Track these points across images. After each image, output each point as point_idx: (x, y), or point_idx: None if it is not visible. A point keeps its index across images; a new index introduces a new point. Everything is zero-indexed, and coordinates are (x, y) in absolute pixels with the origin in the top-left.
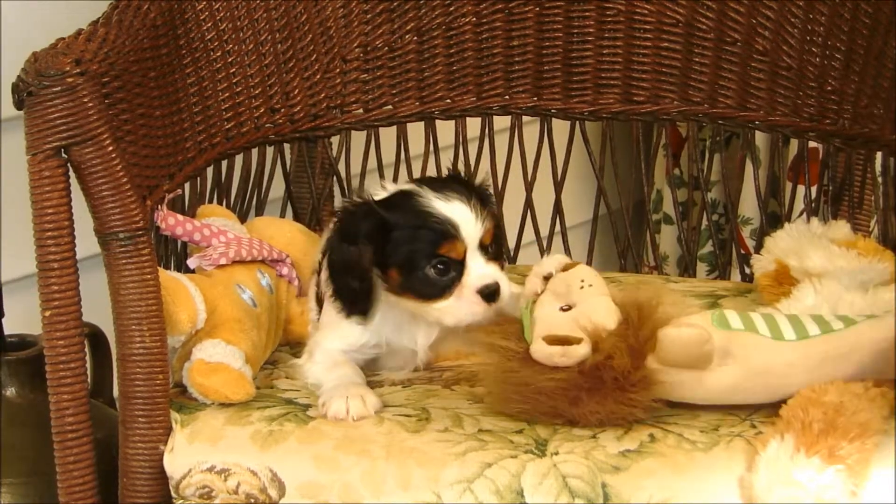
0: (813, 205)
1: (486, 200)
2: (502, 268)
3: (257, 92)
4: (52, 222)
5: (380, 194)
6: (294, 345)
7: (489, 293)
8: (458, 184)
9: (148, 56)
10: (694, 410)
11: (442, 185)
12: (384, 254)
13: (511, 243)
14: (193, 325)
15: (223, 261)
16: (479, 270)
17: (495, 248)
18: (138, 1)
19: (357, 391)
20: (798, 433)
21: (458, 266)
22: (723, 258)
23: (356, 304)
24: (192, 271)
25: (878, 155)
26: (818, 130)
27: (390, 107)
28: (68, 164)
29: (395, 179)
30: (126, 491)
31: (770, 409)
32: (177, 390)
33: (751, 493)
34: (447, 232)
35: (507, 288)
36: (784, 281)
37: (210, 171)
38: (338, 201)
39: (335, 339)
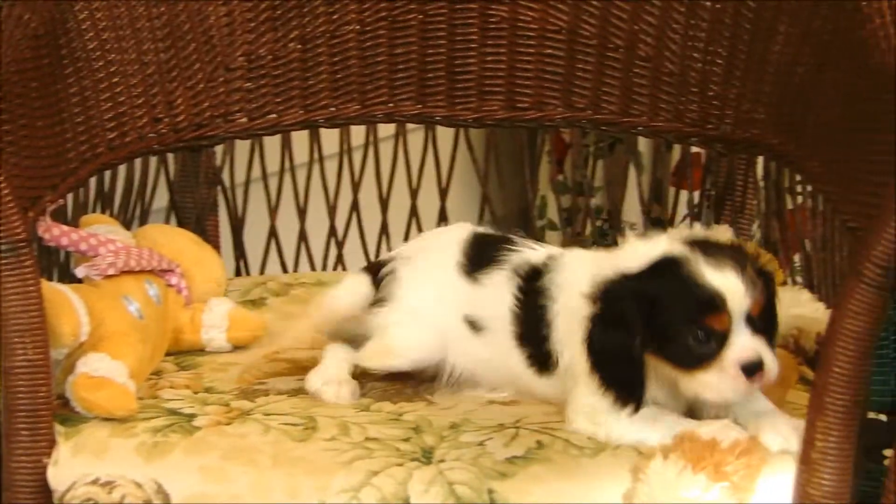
0: (696, 209)
1: (760, 273)
2: (771, 344)
3: (140, 101)
4: None
5: (636, 257)
6: (183, 354)
7: (751, 368)
8: (733, 251)
9: (29, 66)
10: None
11: (716, 249)
12: (649, 327)
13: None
14: (77, 338)
15: (111, 271)
16: (743, 343)
17: (764, 322)
18: (19, 10)
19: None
20: (686, 450)
21: (721, 338)
22: None
23: (630, 395)
24: (80, 281)
25: (760, 159)
26: (701, 135)
27: (274, 115)
28: None
29: (279, 191)
30: None
31: None
32: (59, 403)
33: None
34: (712, 302)
35: (774, 366)
36: None
37: (93, 181)
38: (222, 211)
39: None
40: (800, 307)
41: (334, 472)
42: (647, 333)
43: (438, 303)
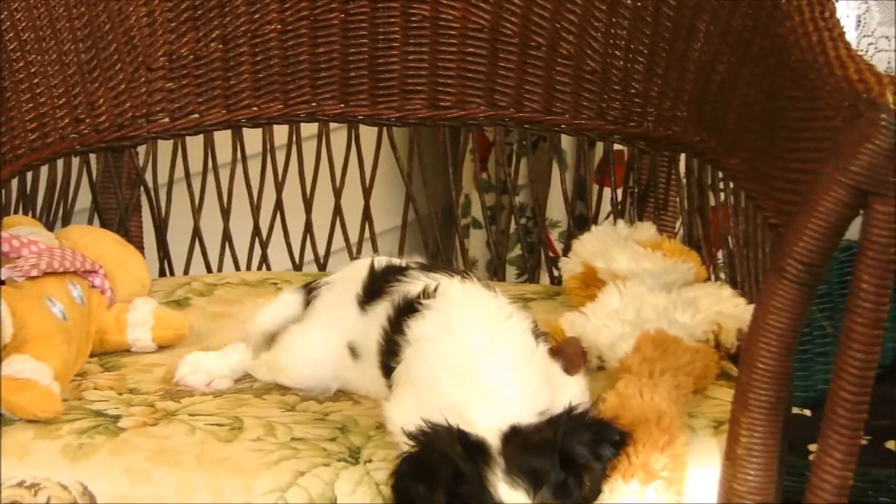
0: (619, 207)
1: (567, 483)
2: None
3: (61, 102)
4: None
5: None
6: (107, 355)
7: None
8: (545, 454)
9: None
10: None
11: (531, 449)
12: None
13: (321, 250)
14: None
15: (34, 272)
16: None
17: None
18: None
19: None
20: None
21: None
22: (531, 261)
23: None
24: (2, 283)
25: (683, 157)
26: (623, 133)
27: (197, 115)
28: None
29: (202, 191)
30: None
31: None
32: None
33: None
34: None
35: None
36: (591, 283)
37: (15, 182)
38: (145, 212)
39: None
40: (721, 303)
41: (260, 472)
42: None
43: (333, 332)
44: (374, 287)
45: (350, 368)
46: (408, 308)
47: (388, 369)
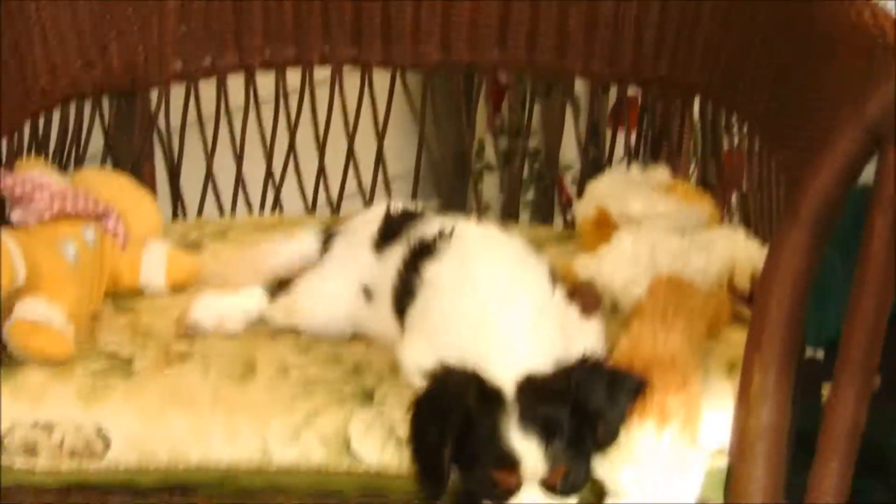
0: (633, 151)
1: (581, 433)
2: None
3: (73, 46)
4: None
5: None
6: (121, 297)
7: None
8: (558, 404)
9: None
10: None
11: (540, 402)
12: (460, 438)
13: (334, 194)
14: (13, 283)
15: (47, 215)
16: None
17: (566, 485)
18: None
19: None
20: None
21: (508, 491)
22: (545, 205)
23: (429, 486)
24: (14, 226)
25: (697, 100)
26: (636, 77)
27: (209, 59)
28: None
29: (215, 135)
30: None
31: None
32: None
33: (596, 471)
34: (504, 462)
35: None
36: (605, 226)
37: (27, 125)
38: (158, 156)
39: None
40: (734, 246)
41: (274, 413)
42: (458, 445)
43: (349, 276)
44: (390, 230)
45: (363, 311)
46: (423, 250)
47: (402, 311)
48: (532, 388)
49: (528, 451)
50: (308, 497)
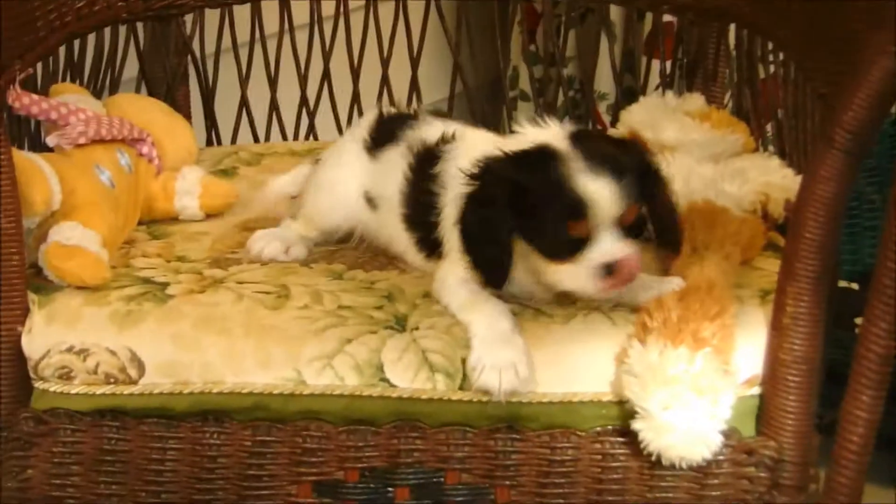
0: (668, 78)
1: (645, 175)
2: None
3: None
4: None
5: (519, 140)
6: (155, 223)
7: (609, 270)
8: (620, 150)
9: None
10: None
11: (600, 148)
12: (519, 214)
13: None
14: (49, 207)
15: (82, 140)
16: (606, 247)
17: (637, 227)
18: None
19: (509, 358)
20: (660, 325)
21: (583, 241)
22: None
23: (493, 275)
24: (51, 150)
25: (732, 28)
26: (672, 4)
27: None
28: None
29: (250, 61)
30: None
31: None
32: (33, 271)
33: (625, 393)
34: (576, 209)
35: (636, 268)
36: None
37: (62, 50)
38: (193, 81)
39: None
40: (769, 174)
41: (307, 339)
42: (518, 219)
43: (342, 172)
44: (383, 132)
45: (369, 217)
46: (429, 155)
47: (417, 224)
48: (586, 136)
49: (600, 191)
50: (341, 422)
